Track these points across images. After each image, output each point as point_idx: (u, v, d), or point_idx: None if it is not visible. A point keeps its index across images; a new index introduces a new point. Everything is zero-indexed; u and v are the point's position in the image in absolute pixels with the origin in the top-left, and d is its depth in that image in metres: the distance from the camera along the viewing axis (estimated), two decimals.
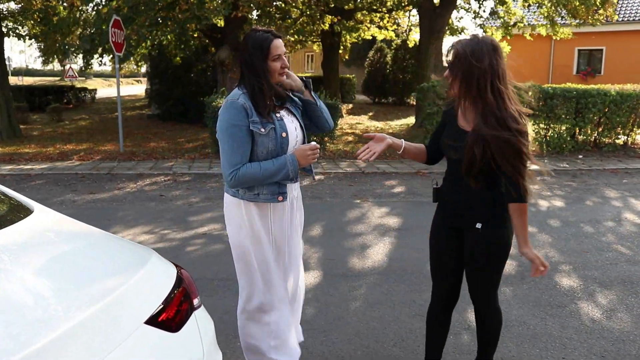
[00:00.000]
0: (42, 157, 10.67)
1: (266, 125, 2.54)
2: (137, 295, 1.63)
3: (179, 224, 6.16)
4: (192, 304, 1.81)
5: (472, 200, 2.59)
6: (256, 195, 2.63)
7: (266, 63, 2.55)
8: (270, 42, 2.55)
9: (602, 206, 7.20)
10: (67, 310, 1.44)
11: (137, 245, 2.13)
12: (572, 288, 4.39)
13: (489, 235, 2.59)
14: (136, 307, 1.60)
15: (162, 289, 1.72)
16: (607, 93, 11.26)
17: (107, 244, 2.04)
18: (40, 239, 1.92)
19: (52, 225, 2.10)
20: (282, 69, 2.60)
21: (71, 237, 2.04)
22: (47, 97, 22.60)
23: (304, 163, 2.57)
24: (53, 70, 57.31)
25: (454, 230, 2.71)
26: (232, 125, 2.52)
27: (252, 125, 2.51)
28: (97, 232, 2.13)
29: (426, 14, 14.87)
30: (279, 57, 2.57)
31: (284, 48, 2.61)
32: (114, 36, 10.83)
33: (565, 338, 3.56)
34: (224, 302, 4.05)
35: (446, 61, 2.52)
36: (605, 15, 15.04)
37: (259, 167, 2.51)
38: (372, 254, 5.19)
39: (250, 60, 2.56)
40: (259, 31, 2.60)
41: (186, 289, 1.82)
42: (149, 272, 1.77)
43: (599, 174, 9.61)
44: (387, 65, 23.73)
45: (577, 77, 24.63)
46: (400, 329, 3.65)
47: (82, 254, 1.85)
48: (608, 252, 5.28)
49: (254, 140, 2.54)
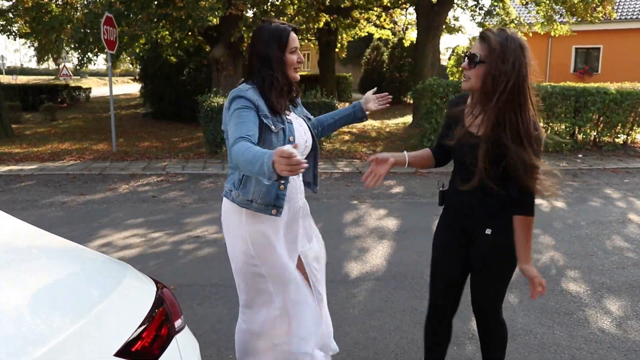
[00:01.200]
0: (33, 157, 10.45)
1: (277, 124, 2.37)
2: (108, 322, 1.40)
3: (172, 227, 5.97)
4: (174, 327, 1.60)
5: (482, 201, 2.40)
6: (249, 202, 2.41)
7: (284, 55, 2.38)
8: (289, 33, 2.39)
9: (605, 207, 7.04)
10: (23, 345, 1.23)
11: (110, 260, 1.87)
12: (579, 294, 4.23)
13: (500, 243, 2.41)
14: (106, 337, 1.39)
15: (138, 312, 1.50)
16: (607, 91, 11.12)
17: (74, 260, 1.80)
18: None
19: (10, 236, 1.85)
20: (298, 63, 2.43)
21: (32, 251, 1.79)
22: (40, 96, 22.34)
23: (277, 169, 1.87)
24: (48, 69, 56.96)
25: (461, 233, 2.53)
26: (238, 107, 2.28)
27: (264, 119, 2.31)
28: (63, 245, 1.88)
29: (424, 12, 14.70)
30: (295, 50, 2.42)
31: (298, 43, 2.45)
32: (106, 34, 10.61)
33: (575, 348, 3.39)
34: (217, 310, 3.87)
35: (469, 51, 2.32)
36: (604, 13, 14.89)
37: (247, 147, 2.09)
38: (371, 257, 5.02)
39: (266, 52, 2.37)
40: (275, 22, 2.42)
41: (166, 310, 1.61)
42: (123, 293, 1.55)
43: (599, 173, 9.46)
44: (384, 64, 23.59)
45: (574, 76, 24.50)
46: (401, 339, 3.47)
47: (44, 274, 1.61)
48: (614, 256, 5.12)
49: (262, 135, 2.32)
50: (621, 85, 13.21)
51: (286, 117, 2.44)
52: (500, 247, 2.42)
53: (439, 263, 2.63)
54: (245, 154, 2.05)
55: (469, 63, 2.27)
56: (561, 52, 25.00)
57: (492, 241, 2.42)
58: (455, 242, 2.56)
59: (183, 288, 4.25)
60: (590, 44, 24.53)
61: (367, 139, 13.14)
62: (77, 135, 14.43)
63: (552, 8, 14.92)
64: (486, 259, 2.48)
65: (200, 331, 3.52)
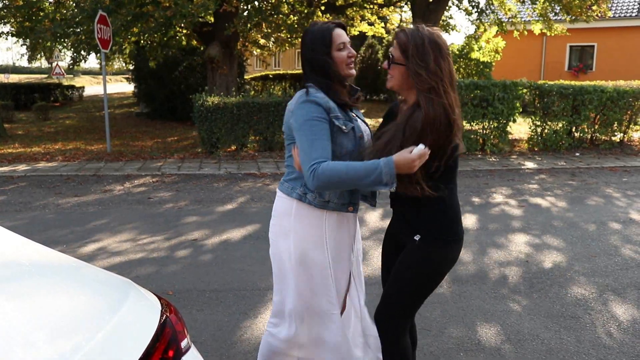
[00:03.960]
0: (26, 158, 10.31)
1: (347, 123, 2.28)
2: (114, 347, 1.30)
3: (168, 230, 5.87)
4: (180, 349, 1.51)
5: (414, 211, 2.31)
6: (325, 203, 2.31)
7: (330, 55, 2.29)
8: (332, 30, 2.30)
9: (606, 206, 6.99)
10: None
11: (112, 276, 1.77)
12: (585, 297, 4.16)
13: (423, 251, 2.29)
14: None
15: (144, 334, 1.40)
16: (604, 90, 11.09)
17: (75, 278, 1.69)
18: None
19: (9, 252, 1.75)
20: (349, 59, 2.32)
21: (31, 270, 1.68)
22: (33, 95, 22.15)
23: (405, 170, 2.06)
24: (40, 67, 56.59)
25: (397, 243, 2.45)
26: (310, 118, 2.18)
27: (335, 120, 2.23)
28: (63, 262, 1.77)
29: (419, 10, 14.62)
30: (344, 46, 2.31)
31: (347, 38, 2.34)
32: (100, 32, 10.48)
33: (583, 354, 3.33)
34: (216, 317, 3.78)
35: (390, 51, 2.27)
36: (599, 11, 14.86)
37: (345, 166, 2.08)
38: (371, 261, 4.94)
39: (311, 56, 2.30)
40: (317, 24, 2.35)
41: (172, 330, 1.52)
42: (127, 315, 1.45)
43: (597, 172, 9.42)
44: (379, 62, 23.48)
45: (569, 74, 24.52)
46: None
47: (44, 294, 1.50)
48: (617, 256, 5.07)
49: (334, 138, 2.23)
50: (617, 84, 13.20)
51: (353, 116, 2.36)
52: (424, 256, 2.29)
53: (382, 272, 2.60)
54: (349, 172, 2.06)
55: (387, 63, 2.26)
56: (556, 50, 25.02)
57: (418, 247, 2.29)
58: (392, 249, 2.50)
59: (181, 294, 4.15)
60: (584, 42, 24.55)
61: None
62: (71, 135, 14.29)
63: (550, 6, 14.87)
64: (404, 264, 2.33)
65: (201, 339, 3.44)
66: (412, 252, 2.31)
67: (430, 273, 2.32)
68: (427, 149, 2.05)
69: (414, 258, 2.31)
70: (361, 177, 2.05)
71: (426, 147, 2.07)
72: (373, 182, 2.05)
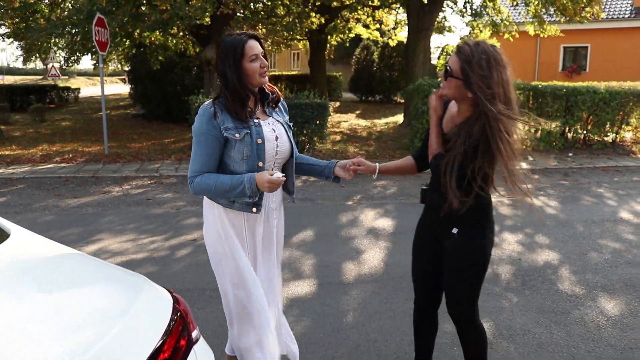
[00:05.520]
0: (24, 160, 10.38)
1: (241, 130, 2.45)
2: (131, 337, 1.43)
3: (167, 230, 5.97)
4: (191, 338, 1.62)
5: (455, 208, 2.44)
6: (232, 203, 2.53)
7: (241, 66, 2.43)
8: (245, 42, 2.43)
9: (597, 206, 7.13)
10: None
11: (127, 272, 1.90)
12: (575, 293, 4.29)
13: (465, 242, 2.47)
14: (131, 351, 1.41)
15: (158, 325, 1.52)
16: (597, 91, 11.24)
17: (94, 274, 1.82)
18: (17, 270, 1.69)
19: (32, 252, 1.86)
20: (262, 69, 2.45)
21: (54, 267, 1.79)
22: (29, 96, 22.14)
23: (261, 189, 2.40)
24: (35, 68, 56.44)
25: (434, 232, 2.62)
26: (200, 132, 2.46)
27: (225, 132, 2.43)
28: (82, 259, 1.90)
29: (414, 12, 14.75)
30: (256, 58, 2.44)
31: (260, 48, 2.47)
32: (98, 34, 10.56)
33: (572, 347, 3.44)
34: (217, 315, 3.87)
35: (446, 61, 2.39)
36: (592, 12, 15.02)
37: (214, 181, 2.44)
38: (368, 259, 5.05)
39: (222, 66, 2.45)
40: (232, 35, 2.47)
41: (184, 321, 1.63)
42: (143, 306, 1.57)
43: (590, 172, 9.56)
44: (374, 63, 23.60)
45: (563, 75, 24.71)
46: (402, 340, 3.51)
47: (68, 289, 1.63)
48: (607, 254, 5.19)
49: (230, 145, 2.46)
50: (609, 85, 13.34)
51: (254, 122, 2.50)
52: (466, 248, 2.47)
53: (415, 263, 2.76)
54: (217, 187, 2.43)
55: (444, 75, 2.36)
56: (550, 51, 25.21)
57: (459, 241, 2.47)
58: (429, 241, 2.65)
59: (183, 292, 4.25)
60: (578, 43, 24.76)
61: (358, 139, 13.17)
62: (68, 136, 14.34)
63: (543, 7, 15.02)
64: (452, 259, 2.52)
65: (203, 335, 3.53)
66: (456, 247, 2.49)
67: (476, 260, 2.49)
68: (283, 178, 2.38)
69: (459, 252, 2.49)
70: (227, 190, 2.42)
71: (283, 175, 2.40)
72: (238, 194, 2.42)
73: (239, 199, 2.50)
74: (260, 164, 2.49)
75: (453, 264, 2.52)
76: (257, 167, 2.48)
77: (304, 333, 3.60)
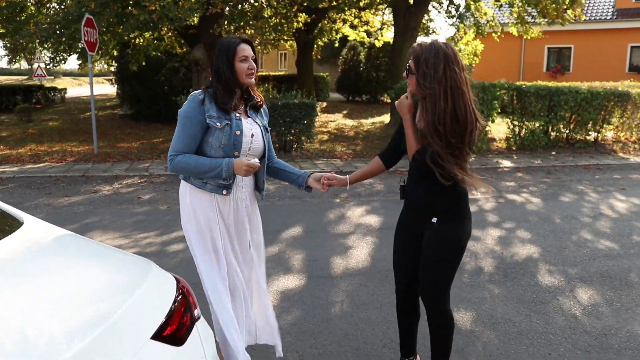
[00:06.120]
0: (13, 160, 10.41)
1: (222, 121, 2.70)
2: (141, 310, 1.59)
3: (159, 227, 6.08)
4: (194, 316, 1.77)
5: (432, 198, 2.65)
6: (204, 184, 2.77)
7: (233, 64, 2.71)
8: (237, 44, 2.72)
9: (577, 202, 7.34)
10: (73, 332, 1.39)
11: (135, 256, 2.06)
12: (554, 284, 4.47)
13: (444, 231, 2.65)
14: (142, 322, 1.57)
15: (164, 302, 1.68)
16: (579, 91, 11.49)
17: (105, 257, 1.98)
18: (35, 254, 1.84)
19: (46, 238, 2.01)
20: (249, 70, 2.73)
21: (67, 250, 1.96)
22: (15, 96, 22.03)
23: (237, 173, 2.69)
24: (20, 69, 55.99)
25: (414, 225, 2.78)
26: (186, 116, 2.71)
27: (209, 119, 2.68)
28: (93, 245, 2.06)
29: (400, 13, 14.95)
30: (245, 59, 2.72)
31: (251, 52, 2.76)
32: (87, 35, 10.61)
33: (550, 334, 3.62)
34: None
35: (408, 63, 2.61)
36: (573, 15, 15.33)
37: (194, 161, 2.69)
38: (356, 254, 5.20)
39: (217, 62, 2.73)
40: (228, 37, 2.79)
41: (187, 300, 1.78)
42: (151, 285, 1.73)
43: (572, 170, 9.80)
44: (361, 64, 23.77)
45: (548, 75, 25.07)
46: (388, 329, 3.66)
47: (82, 269, 1.79)
48: (586, 248, 5.39)
49: (210, 132, 2.71)
50: (591, 85, 13.64)
51: (235, 116, 2.76)
52: (443, 236, 2.65)
53: (396, 258, 2.93)
54: (196, 166, 2.67)
55: (407, 73, 2.61)
56: (534, 51, 25.58)
57: (437, 230, 2.65)
58: (410, 238, 2.82)
59: None
60: (562, 44, 25.14)
61: (345, 139, 13.34)
62: (55, 136, 14.35)
63: (525, 9, 15.30)
64: (430, 247, 2.69)
65: None
66: (434, 235, 2.66)
67: (453, 249, 2.68)
68: (259, 164, 2.67)
69: (437, 240, 2.67)
70: (206, 171, 2.68)
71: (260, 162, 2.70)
72: (215, 175, 2.68)
73: (212, 181, 2.74)
74: (236, 153, 2.74)
75: (430, 251, 2.69)
76: (232, 156, 2.73)
77: (294, 323, 3.75)
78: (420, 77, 2.49)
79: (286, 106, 10.58)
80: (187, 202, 2.82)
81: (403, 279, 2.92)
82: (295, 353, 3.35)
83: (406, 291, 2.95)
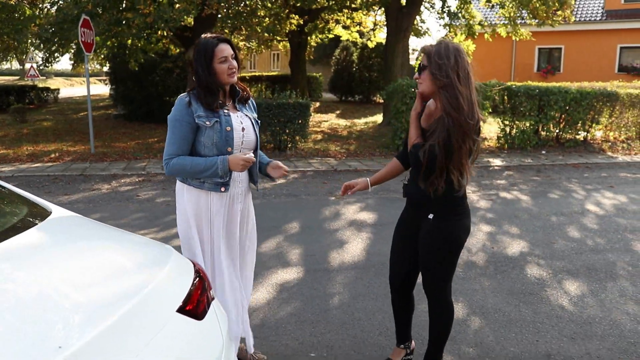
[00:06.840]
0: (11, 159, 10.50)
1: (211, 119, 2.76)
2: (166, 288, 1.77)
3: (158, 225, 6.21)
4: (209, 297, 1.95)
5: (428, 195, 2.74)
6: (201, 183, 2.83)
7: (211, 66, 2.73)
8: (215, 45, 2.74)
9: (566, 199, 7.55)
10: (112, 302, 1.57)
11: (157, 242, 2.26)
12: (542, 277, 4.66)
13: (439, 227, 2.76)
14: (167, 298, 1.74)
15: (185, 281, 1.87)
16: (568, 91, 11.72)
17: (131, 242, 2.17)
18: (67, 238, 2.01)
19: (75, 225, 2.19)
20: (229, 70, 2.76)
21: (96, 236, 2.15)
22: (8, 97, 22.06)
23: (234, 169, 2.75)
24: (11, 69, 55.82)
25: (414, 221, 2.91)
26: (175, 119, 2.77)
27: (197, 119, 2.74)
28: (119, 231, 2.25)
29: (393, 13, 15.13)
30: (225, 59, 2.74)
31: (231, 51, 2.78)
32: (84, 36, 10.72)
33: (538, 323, 3.80)
34: None
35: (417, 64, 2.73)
36: (563, 16, 15.58)
37: (190, 162, 2.75)
38: (351, 249, 5.37)
39: (196, 65, 2.76)
40: (207, 37, 2.80)
41: (203, 282, 1.96)
42: (173, 266, 1.92)
43: (561, 168, 10.02)
44: (354, 64, 23.97)
45: (538, 75, 25.36)
46: (384, 318, 3.83)
47: (113, 251, 1.98)
48: (573, 243, 5.58)
49: (201, 132, 2.77)
50: (581, 85, 13.88)
51: (224, 112, 2.83)
52: (440, 231, 2.77)
53: (396, 244, 3.07)
54: (192, 167, 2.74)
55: (418, 72, 2.70)
56: (525, 52, 25.86)
57: (433, 225, 2.78)
58: (410, 238, 2.95)
59: None
60: (552, 45, 25.43)
61: (338, 138, 13.50)
62: (51, 136, 14.42)
63: (516, 11, 15.53)
64: (427, 242, 2.82)
65: None
66: (430, 230, 2.78)
67: (448, 243, 2.79)
68: (254, 158, 2.76)
69: (432, 234, 2.78)
70: (201, 170, 2.74)
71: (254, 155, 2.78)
72: (211, 174, 2.74)
73: (209, 179, 2.81)
74: (229, 149, 2.81)
75: (429, 245, 2.82)
76: (226, 152, 2.80)
77: (294, 314, 3.91)
78: (435, 69, 2.57)
79: (281, 106, 10.74)
80: (183, 201, 2.89)
81: (399, 275, 3.05)
82: (296, 341, 3.51)
83: (401, 288, 3.08)
